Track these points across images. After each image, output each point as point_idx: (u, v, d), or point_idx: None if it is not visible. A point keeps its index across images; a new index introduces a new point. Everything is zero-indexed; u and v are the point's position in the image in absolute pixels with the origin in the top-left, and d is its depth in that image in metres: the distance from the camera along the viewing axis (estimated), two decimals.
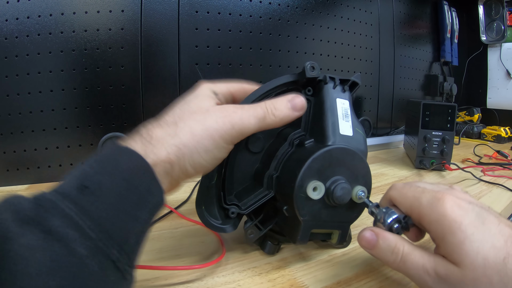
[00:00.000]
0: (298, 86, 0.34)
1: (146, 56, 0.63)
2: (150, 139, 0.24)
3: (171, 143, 0.24)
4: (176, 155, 0.24)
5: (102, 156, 0.22)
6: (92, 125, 0.61)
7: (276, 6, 0.75)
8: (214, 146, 0.26)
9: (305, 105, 0.30)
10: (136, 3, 0.61)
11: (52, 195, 0.18)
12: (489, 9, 1.22)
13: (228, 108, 0.27)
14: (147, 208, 0.21)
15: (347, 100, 0.34)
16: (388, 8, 1.01)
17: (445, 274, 0.22)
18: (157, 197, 0.22)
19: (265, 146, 0.35)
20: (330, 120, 0.32)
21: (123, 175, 0.20)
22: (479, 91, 1.30)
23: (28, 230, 0.16)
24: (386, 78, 1.04)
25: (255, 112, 0.27)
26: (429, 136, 0.69)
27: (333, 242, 0.33)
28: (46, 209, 0.17)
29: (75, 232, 0.17)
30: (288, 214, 0.31)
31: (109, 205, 0.19)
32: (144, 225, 0.21)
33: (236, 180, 0.35)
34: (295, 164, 0.30)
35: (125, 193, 0.20)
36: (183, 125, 0.25)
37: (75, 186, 0.19)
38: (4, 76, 0.55)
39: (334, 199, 0.28)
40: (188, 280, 0.30)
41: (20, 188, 0.57)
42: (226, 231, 0.32)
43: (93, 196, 0.18)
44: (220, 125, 0.26)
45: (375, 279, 0.31)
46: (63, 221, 0.17)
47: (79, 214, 0.17)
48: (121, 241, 0.18)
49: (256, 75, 0.75)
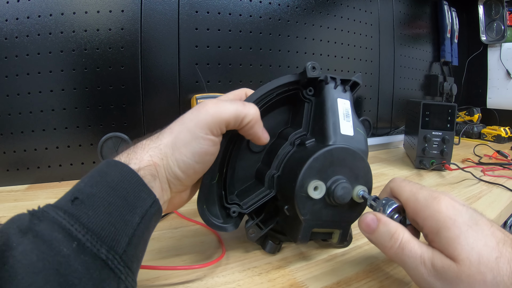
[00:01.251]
0: (299, 86, 0.34)
1: (146, 56, 0.63)
2: (134, 148, 0.25)
3: (152, 146, 0.25)
4: (159, 156, 0.25)
5: (93, 171, 0.23)
6: (92, 125, 0.61)
7: (276, 6, 0.75)
8: (191, 138, 0.26)
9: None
10: (136, 3, 0.61)
11: (46, 207, 0.20)
12: (489, 9, 1.22)
13: (205, 101, 0.28)
14: (138, 213, 0.22)
15: (348, 100, 0.34)
16: (388, 8, 1.01)
17: (441, 267, 0.22)
18: (147, 201, 0.23)
19: (266, 145, 0.35)
20: (331, 120, 0.32)
21: (110, 184, 0.22)
22: (479, 91, 1.30)
23: (25, 238, 0.17)
24: (386, 78, 1.04)
25: (233, 102, 0.28)
26: (429, 136, 0.69)
27: (334, 242, 0.33)
28: (38, 217, 0.19)
29: (62, 234, 0.18)
30: (289, 213, 0.31)
31: (98, 211, 0.20)
32: (137, 228, 0.22)
33: (237, 179, 0.35)
34: (296, 164, 0.30)
35: (113, 200, 0.21)
36: (165, 129, 0.27)
37: (67, 199, 0.21)
38: (4, 76, 0.55)
39: (335, 198, 0.28)
40: (188, 280, 0.30)
41: (20, 188, 0.57)
42: (227, 230, 0.32)
43: (83, 205, 0.20)
44: (194, 115, 0.26)
45: (375, 279, 0.31)
46: (52, 226, 0.18)
47: (68, 220, 0.19)
48: (111, 243, 0.20)
49: (256, 75, 0.75)
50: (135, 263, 0.21)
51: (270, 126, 0.33)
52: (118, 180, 0.22)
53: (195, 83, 0.67)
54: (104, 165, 0.24)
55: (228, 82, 0.71)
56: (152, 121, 0.64)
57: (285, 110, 0.37)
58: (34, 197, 0.52)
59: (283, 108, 0.37)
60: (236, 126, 0.28)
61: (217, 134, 0.27)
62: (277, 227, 0.35)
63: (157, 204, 0.24)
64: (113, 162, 0.24)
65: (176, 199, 0.29)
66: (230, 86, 0.71)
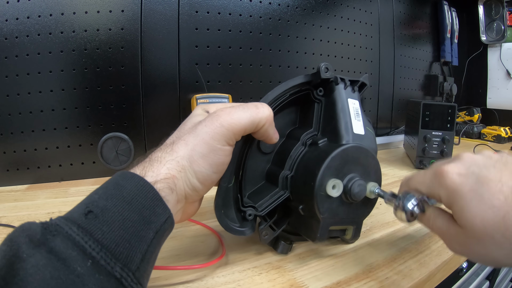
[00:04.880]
0: (310, 87, 0.35)
1: (146, 56, 0.63)
2: (149, 161, 0.25)
3: (169, 159, 0.25)
4: (176, 169, 0.25)
5: (108, 183, 0.23)
6: (92, 125, 0.61)
7: (276, 6, 0.75)
8: (209, 150, 0.26)
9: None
10: (136, 3, 0.61)
11: (58, 220, 0.19)
12: (489, 9, 1.22)
13: (217, 111, 0.27)
14: (152, 228, 0.22)
15: (357, 100, 0.35)
16: (388, 8, 1.01)
17: (455, 235, 0.24)
18: (162, 216, 0.22)
19: (276, 146, 0.36)
20: (343, 119, 0.33)
21: (126, 198, 0.21)
22: (479, 91, 1.30)
23: (37, 251, 0.17)
24: (386, 78, 1.04)
25: (246, 107, 0.28)
26: (429, 136, 0.69)
27: (348, 238, 0.34)
28: (51, 232, 0.18)
29: (77, 252, 0.18)
30: (304, 213, 0.31)
31: (113, 226, 0.20)
32: (150, 244, 0.21)
33: (248, 181, 0.35)
34: (313, 163, 0.30)
35: (128, 214, 0.21)
36: (178, 141, 0.26)
37: (81, 212, 0.20)
38: (4, 76, 0.55)
39: (352, 196, 0.29)
40: (188, 280, 0.30)
41: (20, 188, 0.58)
42: (245, 234, 0.32)
43: (97, 220, 0.20)
44: (209, 127, 0.26)
45: (375, 279, 0.31)
46: (65, 242, 0.18)
47: (82, 236, 0.18)
48: (126, 260, 0.19)
49: (256, 75, 0.75)
50: (145, 278, 0.21)
51: (279, 126, 0.34)
52: (134, 194, 0.22)
53: (195, 83, 0.67)
54: (120, 177, 0.23)
55: (228, 82, 0.71)
56: (152, 121, 0.64)
57: (292, 111, 0.37)
58: (34, 197, 0.52)
59: (291, 108, 0.37)
60: (251, 131, 0.28)
61: (233, 143, 0.27)
62: (287, 227, 0.35)
63: (170, 219, 0.23)
64: (129, 174, 0.23)
65: (190, 208, 0.28)
66: (230, 86, 0.71)
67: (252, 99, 0.75)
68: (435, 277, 0.34)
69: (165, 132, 0.29)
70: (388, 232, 0.41)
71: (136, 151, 0.64)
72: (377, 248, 0.37)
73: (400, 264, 0.33)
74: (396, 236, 0.40)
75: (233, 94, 0.69)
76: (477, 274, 0.56)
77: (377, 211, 0.47)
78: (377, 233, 0.41)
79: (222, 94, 0.67)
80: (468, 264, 0.47)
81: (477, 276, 0.55)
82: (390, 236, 0.40)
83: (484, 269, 0.58)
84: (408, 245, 0.37)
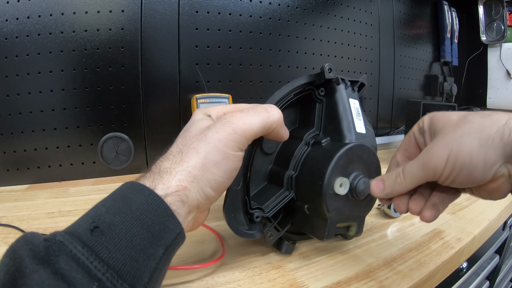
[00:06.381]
0: (312, 87, 0.35)
1: (146, 56, 0.63)
2: (159, 172, 0.24)
3: (179, 169, 0.24)
4: (188, 180, 0.24)
5: (115, 194, 0.22)
6: (92, 125, 0.61)
7: (276, 6, 0.75)
8: (222, 157, 0.25)
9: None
10: (136, 3, 0.61)
11: (62, 237, 0.18)
12: (489, 9, 1.22)
13: (226, 115, 0.27)
14: (162, 245, 0.21)
15: (357, 100, 0.36)
16: (388, 8, 1.01)
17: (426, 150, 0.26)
18: (173, 232, 0.21)
19: (278, 146, 0.36)
20: (346, 119, 0.33)
21: (135, 213, 0.20)
22: (479, 91, 1.30)
23: (41, 268, 0.16)
24: (386, 78, 1.04)
25: (256, 111, 0.27)
26: None
27: (351, 234, 0.34)
28: (55, 251, 0.17)
29: (81, 274, 0.17)
30: (309, 212, 0.31)
31: (120, 245, 0.19)
32: (159, 261, 0.20)
33: (251, 182, 0.34)
34: (320, 163, 0.30)
35: (136, 231, 0.20)
36: (187, 149, 0.25)
37: (86, 227, 0.19)
38: (4, 76, 0.55)
39: (357, 193, 0.30)
40: (188, 280, 0.30)
41: (20, 188, 0.58)
42: (255, 236, 0.32)
43: (103, 237, 0.19)
44: (221, 134, 0.25)
45: (375, 279, 0.31)
46: (70, 264, 0.17)
47: (87, 256, 0.18)
48: (133, 280, 0.18)
49: (256, 75, 0.75)
50: None
51: None
52: (143, 209, 0.21)
53: (195, 83, 0.67)
54: (129, 189, 0.22)
55: (228, 82, 0.71)
56: (152, 121, 0.64)
57: (293, 110, 0.37)
58: (34, 197, 0.52)
59: (292, 108, 0.37)
60: (262, 134, 0.28)
61: (245, 148, 0.27)
62: (290, 227, 0.35)
63: (182, 234, 0.23)
64: (139, 186, 0.22)
65: (201, 217, 0.28)
66: (230, 86, 0.71)
67: (252, 99, 0.75)
68: (435, 277, 0.34)
69: (165, 132, 0.29)
70: (388, 232, 0.41)
71: (136, 151, 0.64)
72: (377, 248, 0.37)
73: (400, 264, 0.33)
74: (396, 236, 0.40)
75: (233, 94, 0.69)
76: (477, 274, 0.56)
77: (377, 211, 0.47)
78: (377, 233, 0.41)
79: (222, 94, 0.67)
80: (468, 264, 0.48)
81: (477, 276, 0.55)
82: (390, 236, 0.40)
83: (484, 269, 0.58)
84: (408, 245, 0.38)
